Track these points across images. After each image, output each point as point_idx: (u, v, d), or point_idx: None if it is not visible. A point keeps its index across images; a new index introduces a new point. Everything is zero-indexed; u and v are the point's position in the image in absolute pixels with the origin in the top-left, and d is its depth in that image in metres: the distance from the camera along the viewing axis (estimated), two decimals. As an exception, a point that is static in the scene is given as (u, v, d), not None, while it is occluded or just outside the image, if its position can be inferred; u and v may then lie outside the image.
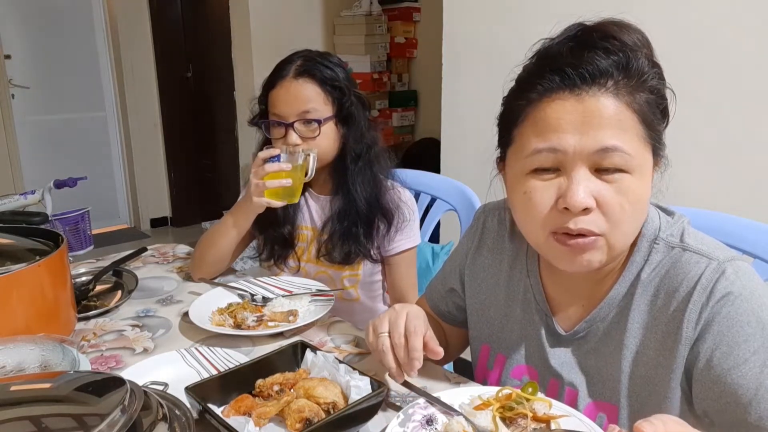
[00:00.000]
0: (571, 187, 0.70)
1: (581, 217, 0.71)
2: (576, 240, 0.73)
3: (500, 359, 0.94)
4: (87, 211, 1.82)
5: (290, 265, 1.44)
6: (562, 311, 0.87)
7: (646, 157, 0.73)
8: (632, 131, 0.70)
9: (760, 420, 0.71)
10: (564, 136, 0.70)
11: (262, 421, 0.78)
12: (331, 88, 1.30)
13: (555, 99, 0.71)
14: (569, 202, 0.70)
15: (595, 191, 0.71)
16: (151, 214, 4.74)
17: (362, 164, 1.34)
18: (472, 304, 1.00)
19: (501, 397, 0.75)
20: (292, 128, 1.29)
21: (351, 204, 1.34)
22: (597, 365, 0.83)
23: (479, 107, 2.23)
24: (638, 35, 0.74)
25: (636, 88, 0.71)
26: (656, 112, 0.73)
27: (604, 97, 0.70)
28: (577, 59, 0.71)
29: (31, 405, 0.63)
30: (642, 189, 0.73)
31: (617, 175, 0.71)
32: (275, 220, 1.39)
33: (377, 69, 3.67)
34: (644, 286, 0.79)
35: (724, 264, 0.73)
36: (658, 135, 0.74)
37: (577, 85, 0.70)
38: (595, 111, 0.69)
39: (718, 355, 0.72)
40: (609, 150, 0.69)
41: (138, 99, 4.49)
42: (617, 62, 0.70)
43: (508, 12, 2.10)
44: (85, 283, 1.29)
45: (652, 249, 0.79)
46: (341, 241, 1.35)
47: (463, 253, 1.02)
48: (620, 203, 0.71)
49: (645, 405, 0.78)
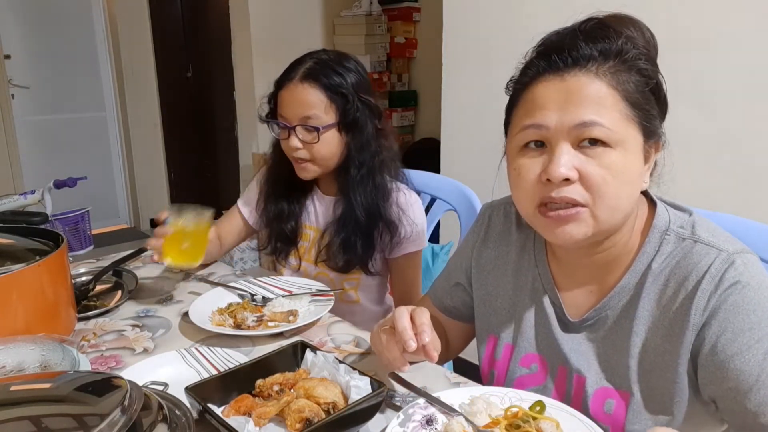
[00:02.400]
0: (553, 159, 0.75)
1: (563, 187, 0.75)
2: (557, 212, 0.76)
3: (508, 348, 0.95)
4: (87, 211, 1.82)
5: (291, 263, 1.44)
6: (571, 299, 0.89)
7: (630, 133, 0.75)
8: (613, 108, 0.74)
9: (759, 407, 0.72)
10: (547, 113, 0.75)
11: (262, 421, 0.78)
12: (335, 94, 1.27)
13: (542, 81, 0.77)
14: (550, 172, 0.75)
15: (577, 164, 0.74)
16: (151, 213, 4.73)
17: (364, 172, 1.31)
18: (479, 296, 1.00)
19: (509, 415, 0.76)
20: (294, 132, 1.28)
21: (351, 211, 1.32)
22: (606, 352, 0.84)
23: (479, 107, 2.23)
24: (638, 32, 0.77)
25: (619, 68, 0.74)
26: (645, 93, 0.76)
27: (586, 77, 0.74)
28: (563, 44, 0.76)
29: (31, 405, 0.63)
30: (626, 163, 0.75)
31: (600, 149, 0.74)
32: (281, 214, 1.39)
33: (377, 69, 3.67)
34: (655, 276, 0.80)
35: (733, 255, 0.75)
36: (648, 115, 0.76)
37: (560, 68, 0.75)
38: (575, 90, 0.74)
39: (722, 341, 0.74)
40: (588, 124, 0.73)
41: (138, 99, 4.49)
42: (601, 48, 0.75)
43: (508, 12, 2.10)
44: (85, 283, 1.29)
45: (663, 240, 0.81)
46: (340, 250, 1.34)
47: (468, 248, 1.03)
48: (602, 175, 0.74)
49: (654, 391, 0.79)
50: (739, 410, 0.74)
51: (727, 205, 1.57)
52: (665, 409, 0.79)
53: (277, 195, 1.40)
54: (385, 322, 0.90)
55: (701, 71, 1.63)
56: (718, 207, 1.04)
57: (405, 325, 0.83)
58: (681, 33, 1.64)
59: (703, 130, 1.65)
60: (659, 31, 0.81)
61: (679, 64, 1.60)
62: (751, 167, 1.60)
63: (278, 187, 1.40)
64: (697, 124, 1.64)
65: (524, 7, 2.04)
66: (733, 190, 1.63)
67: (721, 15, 1.59)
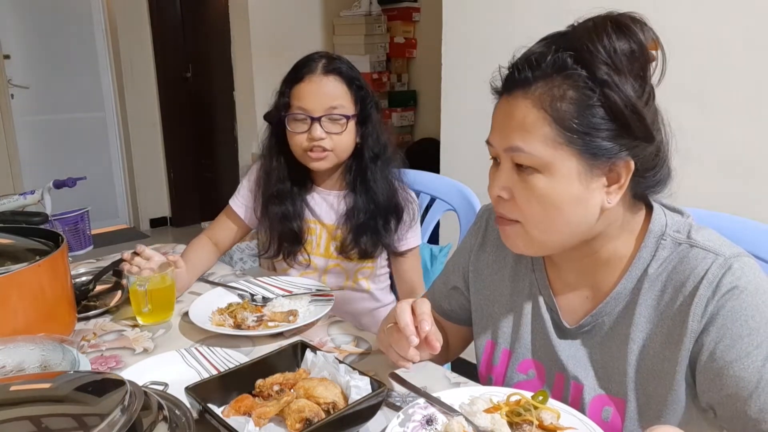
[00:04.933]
0: (490, 179, 0.81)
1: (498, 203, 0.81)
2: (500, 223, 0.83)
3: (505, 354, 0.94)
4: (86, 211, 1.82)
5: (299, 260, 1.44)
6: (568, 305, 0.88)
7: (558, 159, 0.74)
8: (537, 132, 0.74)
9: (760, 413, 0.72)
10: (493, 134, 0.80)
11: (262, 421, 0.78)
12: (355, 87, 1.33)
13: (501, 100, 0.80)
14: (488, 190, 0.81)
15: (510, 184, 0.79)
16: (150, 214, 4.74)
17: (381, 163, 1.38)
18: (476, 300, 1.00)
19: (511, 402, 0.76)
20: (319, 123, 1.30)
21: (370, 200, 1.37)
22: (603, 359, 0.83)
23: (479, 107, 2.22)
24: (633, 38, 0.72)
25: (555, 95, 0.73)
26: (584, 117, 0.72)
27: (522, 101, 0.75)
28: (516, 65, 0.77)
29: (31, 405, 0.63)
30: (551, 188, 0.75)
31: (527, 173, 0.77)
32: (286, 215, 1.40)
33: (377, 69, 3.67)
34: (651, 281, 0.80)
35: (730, 259, 0.74)
36: (587, 139, 0.72)
37: (508, 89, 0.78)
38: (508, 114, 0.77)
39: (721, 347, 0.73)
40: (513, 149, 0.76)
41: (138, 99, 4.49)
42: (542, 70, 0.74)
43: (508, 12, 2.10)
44: (85, 283, 1.29)
45: (659, 245, 0.80)
46: (364, 234, 1.37)
47: (466, 251, 1.03)
48: (527, 198, 0.77)
49: (651, 398, 0.79)
50: (738, 417, 0.74)
51: (727, 205, 1.57)
52: (660, 416, 0.78)
53: (280, 196, 1.40)
54: (389, 320, 0.91)
55: (701, 71, 1.63)
56: (718, 207, 1.04)
57: (407, 321, 0.84)
58: (681, 33, 1.64)
59: (703, 130, 1.65)
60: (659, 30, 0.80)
61: (678, 63, 1.60)
62: (751, 167, 1.60)
63: (280, 188, 1.40)
64: (697, 124, 1.64)
65: (524, 8, 2.04)
66: (733, 190, 1.63)
67: (721, 15, 1.59)
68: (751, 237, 0.96)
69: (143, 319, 1.16)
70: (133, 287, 1.13)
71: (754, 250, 0.99)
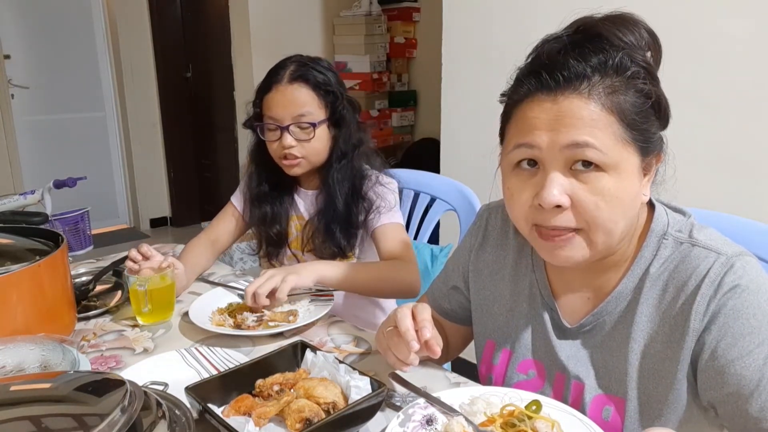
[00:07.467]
0: (545, 185, 0.73)
1: (555, 214, 0.74)
2: (552, 237, 0.76)
3: (505, 354, 0.94)
4: (86, 211, 1.82)
5: (283, 261, 1.47)
6: (568, 305, 0.88)
7: (625, 157, 0.73)
8: (607, 130, 0.71)
9: (761, 411, 0.72)
10: (539, 133, 0.73)
11: (262, 421, 0.78)
12: (324, 92, 1.33)
13: (534, 100, 0.75)
14: (542, 199, 0.73)
15: (570, 189, 0.73)
16: (150, 214, 4.73)
17: (345, 162, 1.38)
18: (476, 300, 1.00)
19: (504, 414, 0.76)
20: (288, 131, 1.31)
21: (331, 200, 1.37)
22: (604, 358, 0.83)
23: (479, 107, 2.23)
24: (637, 34, 0.75)
25: (615, 88, 0.72)
26: (643, 111, 0.73)
27: (578, 99, 0.72)
28: (554, 63, 0.73)
29: (31, 405, 0.63)
30: (620, 187, 0.73)
31: (592, 174, 0.72)
32: (265, 218, 1.43)
33: (377, 69, 3.67)
34: (653, 280, 0.79)
35: (732, 258, 0.74)
36: (646, 134, 0.74)
37: (552, 88, 0.73)
38: (567, 111, 0.72)
39: (722, 345, 0.73)
40: (581, 145, 0.71)
41: (137, 99, 4.49)
42: (594, 65, 0.72)
43: (508, 12, 2.09)
44: (85, 283, 1.29)
45: (661, 244, 0.80)
46: (323, 239, 1.38)
47: (466, 251, 1.02)
48: (595, 202, 0.72)
49: (652, 397, 0.79)
50: (740, 415, 0.74)
51: (727, 205, 1.57)
52: (661, 415, 0.78)
53: (260, 200, 1.44)
54: (389, 322, 0.90)
55: (701, 71, 1.63)
56: (718, 207, 1.04)
57: (408, 326, 0.84)
58: (681, 32, 1.64)
59: (702, 129, 1.65)
60: (659, 30, 0.80)
61: (679, 63, 1.60)
62: (751, 167, 1.60)
63: (261, 192, 1.44)
64: (696, 124, 1.64)
65: (524, 7, 2.04)
66: (733, 190, 1.63)
67: (721, 15, 1.59)
68: (750, 237, 0.96)
69: (143, 319, 1.16)
70: (133, 287, 1.13)
71: (754, 250, 0.99)
